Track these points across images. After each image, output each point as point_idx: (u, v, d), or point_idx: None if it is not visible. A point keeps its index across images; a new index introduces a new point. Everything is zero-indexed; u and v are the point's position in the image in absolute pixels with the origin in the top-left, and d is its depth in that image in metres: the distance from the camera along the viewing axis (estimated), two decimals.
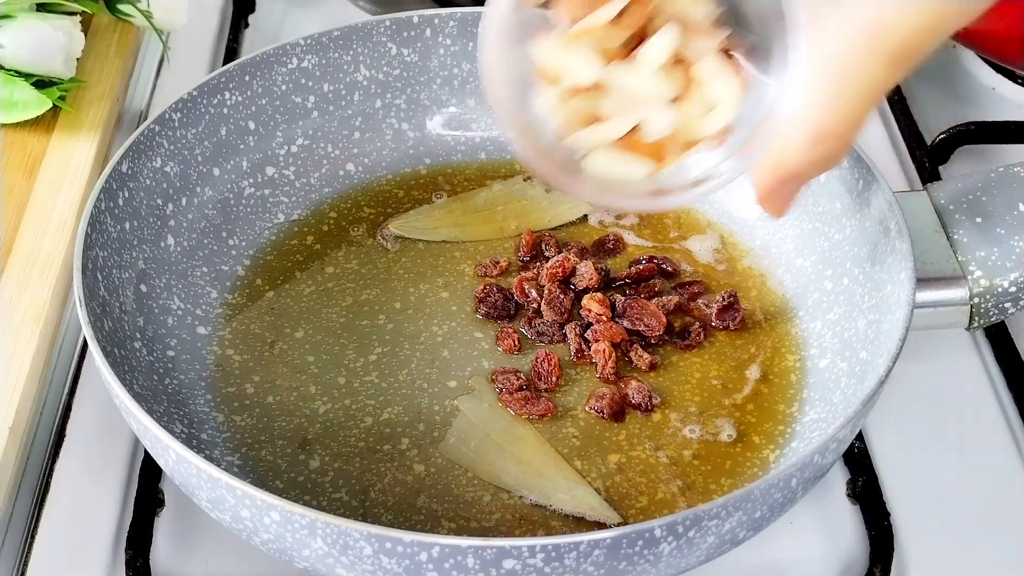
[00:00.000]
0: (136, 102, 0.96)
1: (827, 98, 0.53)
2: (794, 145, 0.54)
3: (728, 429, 0.69)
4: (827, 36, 0.53)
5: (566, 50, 0.56)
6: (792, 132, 0.54)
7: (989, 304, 0.70)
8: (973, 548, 0.67)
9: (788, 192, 0.57)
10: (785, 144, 0.54)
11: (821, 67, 0.53)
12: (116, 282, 0.70)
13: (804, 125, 0.54)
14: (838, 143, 0.54)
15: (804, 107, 0.54)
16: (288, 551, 0.57)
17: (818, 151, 0.54)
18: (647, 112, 0.57)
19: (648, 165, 0.58)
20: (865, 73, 0.52)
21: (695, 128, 0.58)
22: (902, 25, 0.51)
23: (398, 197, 0.82)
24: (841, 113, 0.53)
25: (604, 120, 0.57)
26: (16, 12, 0.84)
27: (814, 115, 0.53)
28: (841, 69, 0.52)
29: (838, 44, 0.52)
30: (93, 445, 0.71)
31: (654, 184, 0.58)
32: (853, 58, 0.52)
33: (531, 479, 0.66)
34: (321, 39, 0.81)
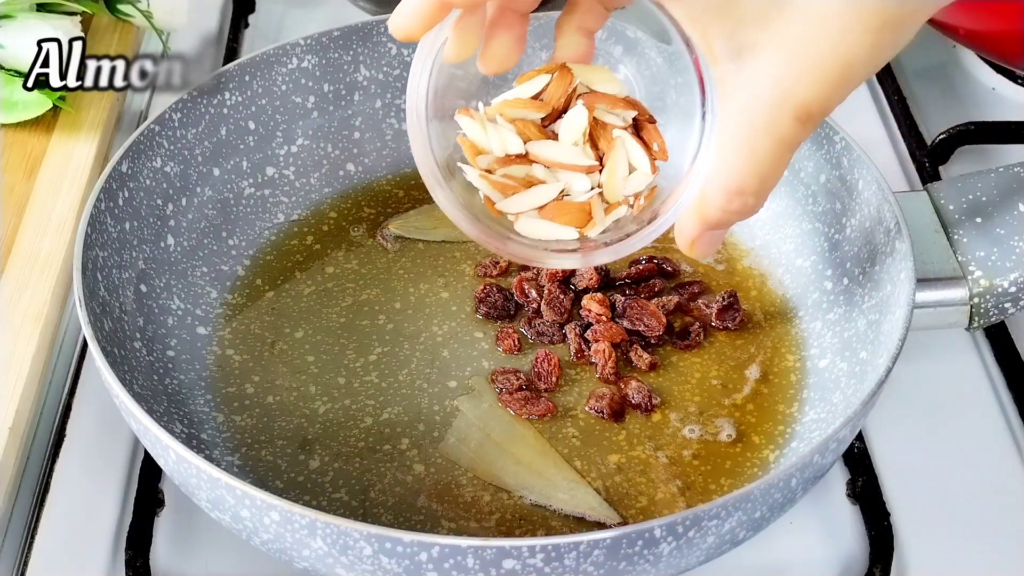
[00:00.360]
0: (136, 102, 0.96)
1: (739, 158, 0.55)
2: (712, 201, 0.56)
3: (728, 429, 0.69)
4: (735, 100, 0.55)
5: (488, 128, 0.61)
6: (710, 189, 0.57)
7: (989, 304, 0.70)
8: (973, 548, 0.67)
9: (712, 239, 0.59)
10: (704, 200, 0.57)
11: (732, 129, 0.55)
12: (116, 282, 0.70)
13: (720, 182, 0.56)
14: (754, 197, 0.56)
15: (718, 166, 0.56)
16: (288, 551, 0.57)
17: (734, 204, 0.56)
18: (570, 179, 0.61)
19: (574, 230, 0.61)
20: (773, 133, 0.54)
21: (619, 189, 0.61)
22: (806, 87, 0.53)
23: (398, 197, 0.82)
24: (753, 170, 0.55)
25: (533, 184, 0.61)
26: (16, 12, 0.84)
27: (728, 173, 0.55)
28: (750, 131, 0.54)
29: (745, 108, 0.54)
30: (93, 445, 0.71)
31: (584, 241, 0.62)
32: (761, 121, 0.54)
33: (531, 479, 0.66)
34: (321, 39, 0.81)
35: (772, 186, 0.56)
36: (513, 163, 0.61)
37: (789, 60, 0.53)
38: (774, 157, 0.55)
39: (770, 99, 0.53)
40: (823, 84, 0.53)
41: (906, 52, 1.02)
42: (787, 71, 0.53)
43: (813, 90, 0.53)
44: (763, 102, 0.54)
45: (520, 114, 0.61)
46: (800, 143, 0.55)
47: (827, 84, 0.53)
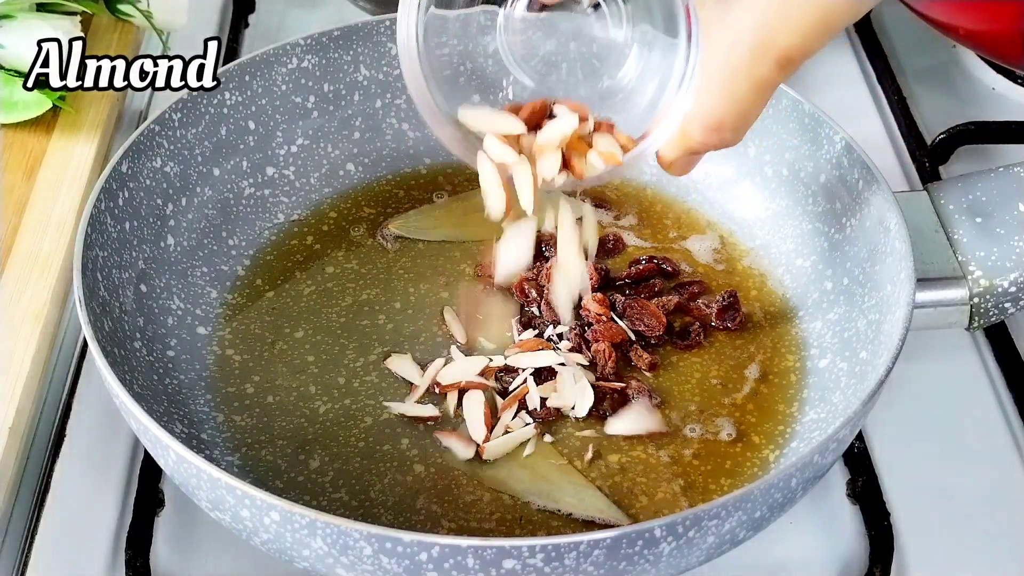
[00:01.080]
0: (136, 102, 0.96)
1: (719, 97, 0.59)
2: (693, 132, 0.61)
3: (728, 429, 0.69)
4: (719, 42, 0.58)
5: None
6: (690, 124, 0.61)
7: (989, 304, 0.70)
8: (973, 548, 0.67)
9: (690, 161, 0.63)
10: (685, 132, 0.61)
11: (714, 69, 0.59)
12: (116, 282, 0.70)
13: (700, 119, 0.60)
14: (732, 132, 0.60)
15: (700, 103, 0.60)
16: (288, 551, 0.57)
17: (714, 137, 0.60)
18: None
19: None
20: (753, 76, 0.58)
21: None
22: (787, 34, 0.56)
23: (398, 197, 0.82)
24: (732, 108, 0.59)
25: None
26: (16, 12, 0.84)
27: (709, 111, 0.59)
28: (731, 72, 0.58)
29: (727, 48, 0.58)
30: (93, 445, 0.71)
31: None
32: (741, 62, 0.57)
33: (537, 484, 0.66)
34: (321, 39, 0.81)
35: (750, 123, 0.60)
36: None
37: (771, 6, 0.56)
38: (753, 97, 0.58)
39: (751, 43, 0.57)
40: (803, 31, 0.56)
41: (906, 52, 1.02)
42: (769, 17, 0.56)
43: (793, 37, 0.56)
44: (745, 46, 0.57)
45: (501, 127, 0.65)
46: (778, 84, 0.58)
47: (807, 31, 0.56)
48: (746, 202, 0.80)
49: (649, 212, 0.81)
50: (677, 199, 0.82)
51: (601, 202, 0.82)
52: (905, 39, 1.02)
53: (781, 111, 0.77)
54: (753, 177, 0.80)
